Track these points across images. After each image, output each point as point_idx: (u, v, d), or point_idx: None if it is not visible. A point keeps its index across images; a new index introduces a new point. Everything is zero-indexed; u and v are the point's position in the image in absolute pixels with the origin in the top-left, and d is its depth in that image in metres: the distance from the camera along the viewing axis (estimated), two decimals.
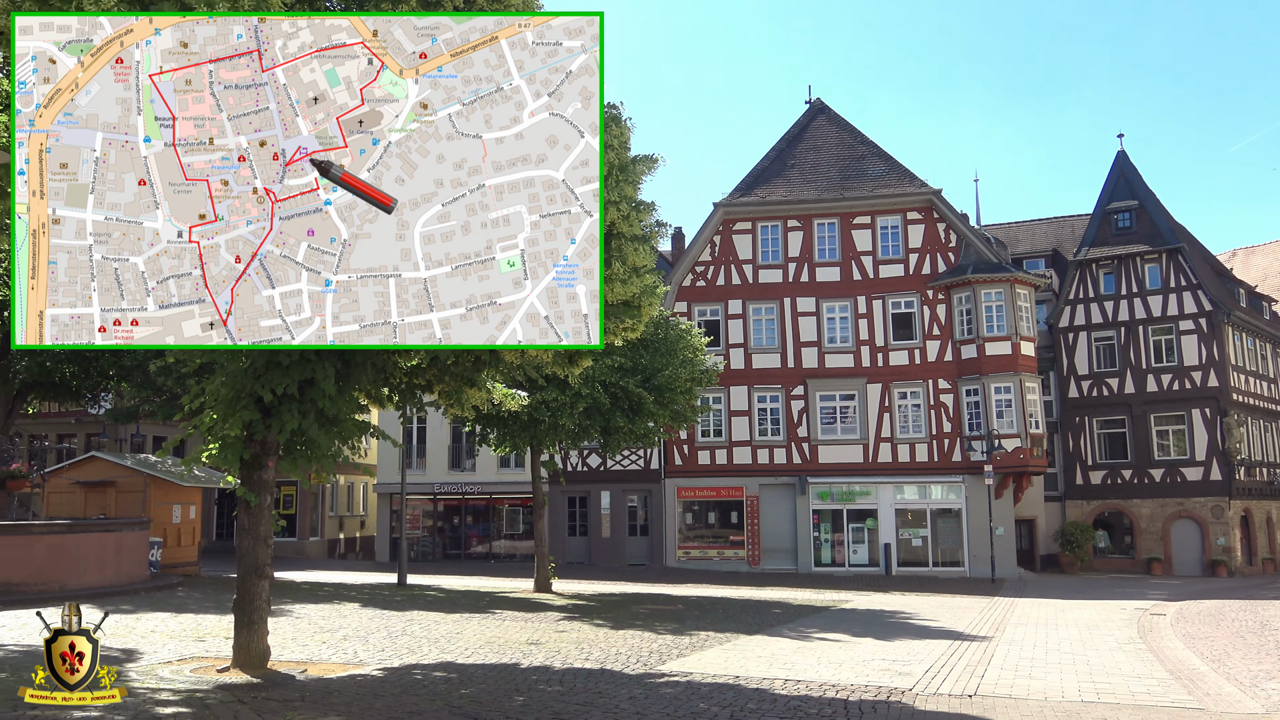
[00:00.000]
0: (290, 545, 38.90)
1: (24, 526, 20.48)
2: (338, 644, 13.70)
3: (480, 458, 38.07)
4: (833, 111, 40.11)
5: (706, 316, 36.95)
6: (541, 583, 24.93)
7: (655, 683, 10.91)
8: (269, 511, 11.20)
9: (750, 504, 35.89)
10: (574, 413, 23.79)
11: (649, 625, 16.95)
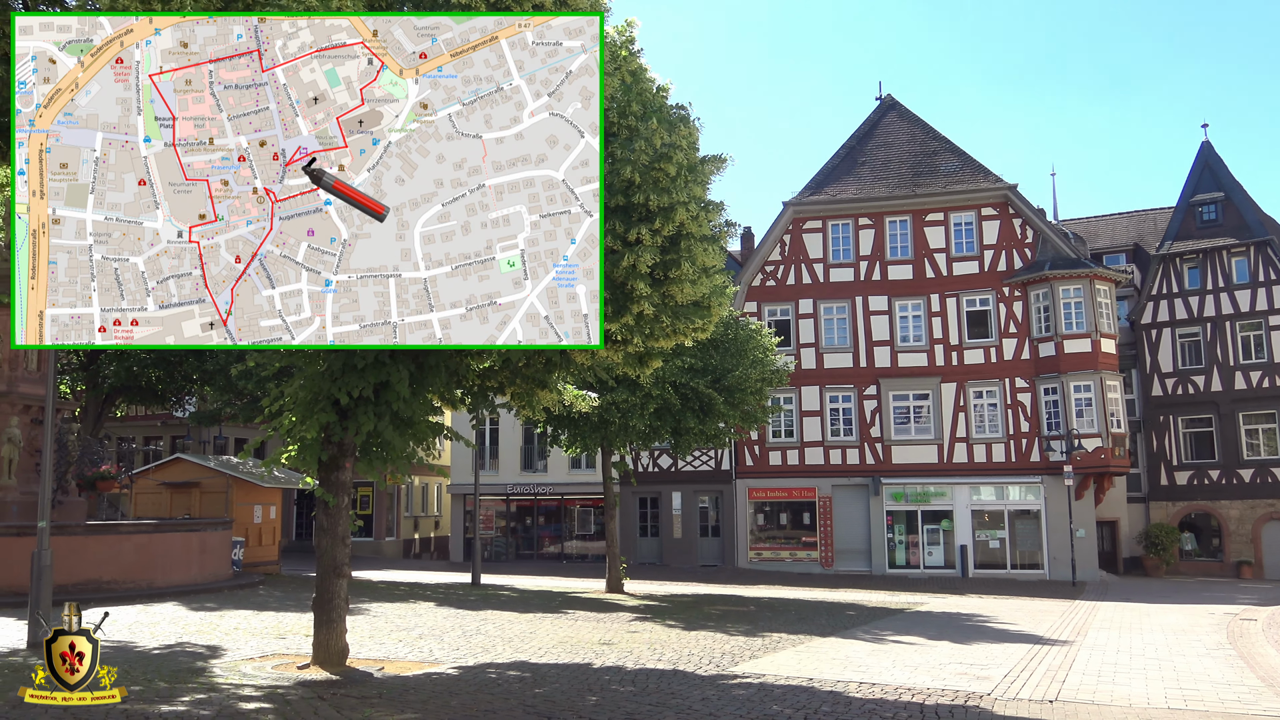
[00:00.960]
0: (367, 545, 39.59)
1: (113, 526, 21.14)
2: (414, 642, 13.89)
3: (552, 459, 38.36)
4: (904, 107, 39.58)
5: (777, 316, 36.72)
6: (613, 583, 25.00)
7: (728, 684, 10.86)
8: (346, 512, 11.40)
9: (823, 505, 35.58)
10: (644, 414, 23.83)
11: (721, 626, 16.89)
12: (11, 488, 19.80)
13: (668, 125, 10.62)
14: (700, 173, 10.89)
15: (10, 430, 19.95)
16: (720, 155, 11.39)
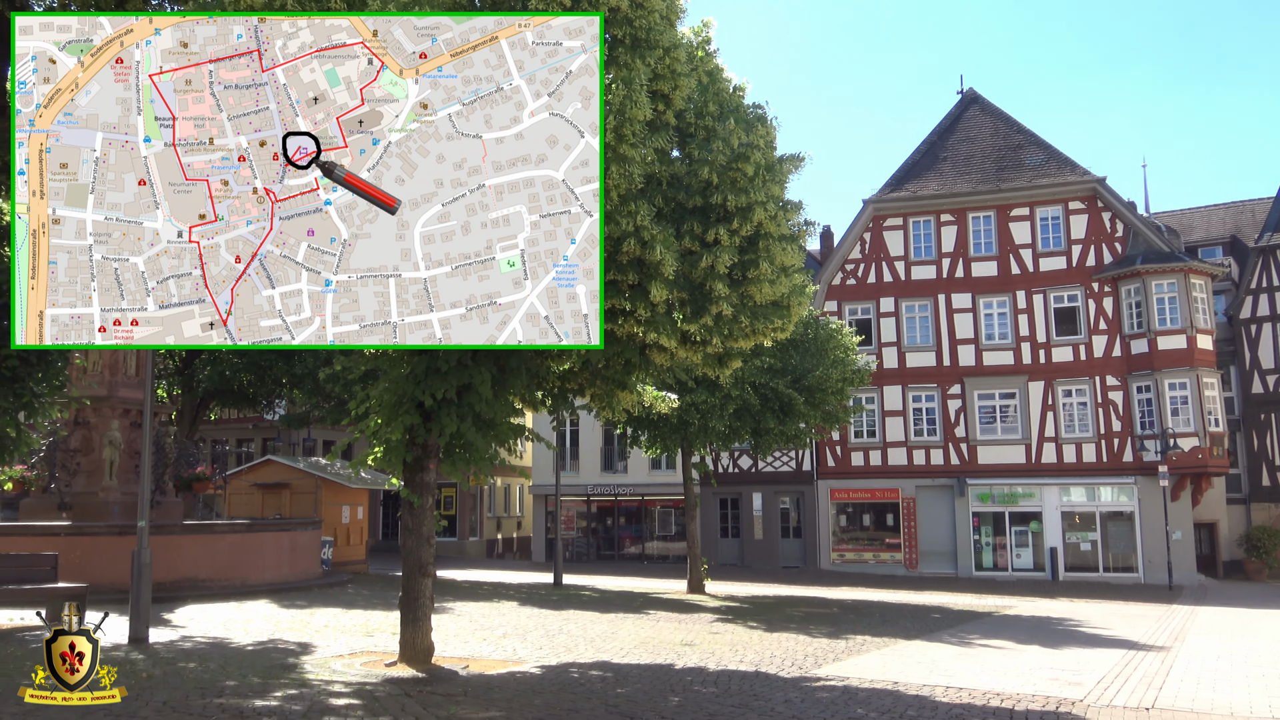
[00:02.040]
0: (451, 545, 40.18)
1: (209, 526, 21.81)
2: (497, 641, 14.06)
3: (632, 460, 38.49)
4: (986, 101, 38.81)
5: (857, 315, 36.32)
6: (694, 584, 24.98)
7: (811, 686, 10.77)
8: (431, 512, 11.58)
9: (906, 506, 35.07)
10: (724, 414, 23.76)
11: (803, 628, 16.76)
12: (113, 488, 20.55)
13: (745, 125, 10.58)
14: (778, 172, 10.82)
15: (111, 433, 20.72)
16: (798, 154, 11.31)
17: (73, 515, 19.81)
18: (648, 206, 9.75)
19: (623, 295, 9.96)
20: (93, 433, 20.72)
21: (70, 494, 20.28)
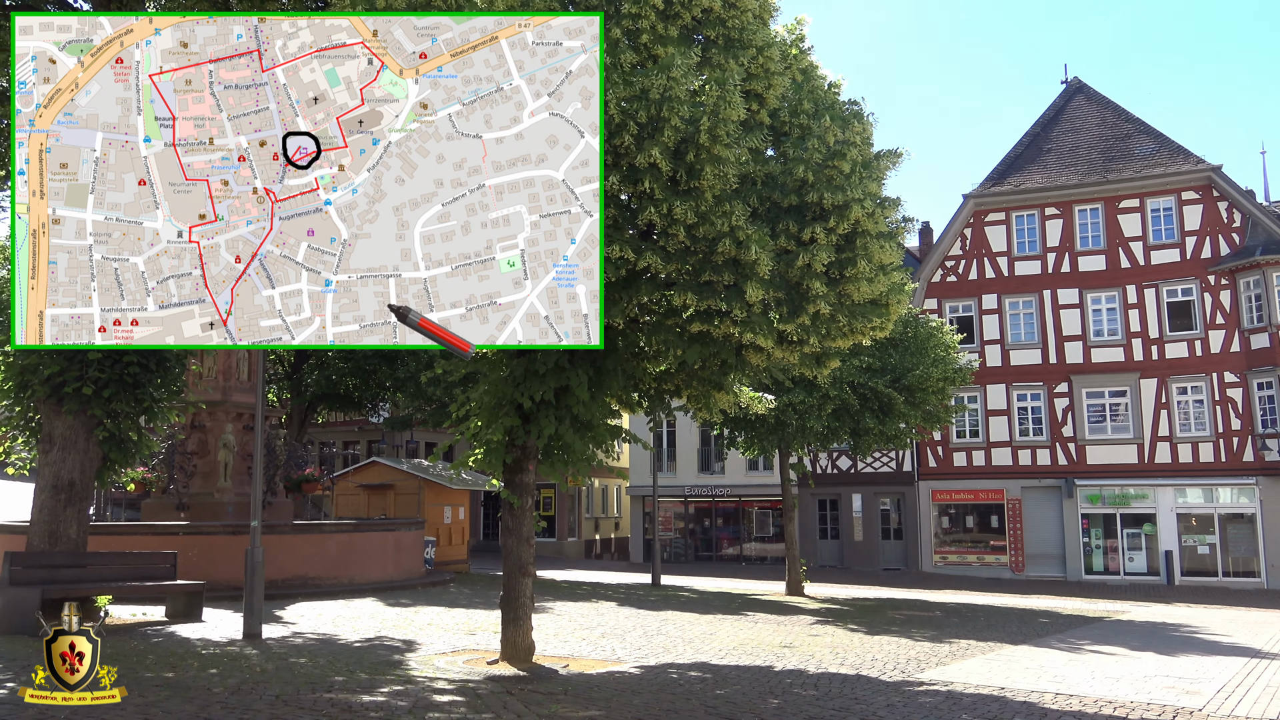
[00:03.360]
0: (550, 545, 40.62)
1: (317, 526, 22.46)
2: (597, 641, 14.16)
3: (729, 460, 38.37)
4: (1092, 89, 37.62)
5: (958, 313, 35.58)
6: (793, 585, 24.79)
7: (913, 690, 10.58)
8: (530, 513, 11.73)
9: (1011, 507, 34.20)
10: (822, 414, 23.53)
11: (905, 631, 16.48)
12: (228, 489, 21.33)
13: (841, 122, 10.46)
14: (875, 169, 10.67)
15: (226, 436, 21.50)
16: (896, 150, 11.12)
17: (190, 515, 20.61)
18: (743, 206, 9.71)
19: (718, 296, 9.94)
20: (208, 436, 21.53)
21: (187, 495, 21.10)
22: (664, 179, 9.46)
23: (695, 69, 9.65)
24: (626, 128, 9.17)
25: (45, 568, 13.49)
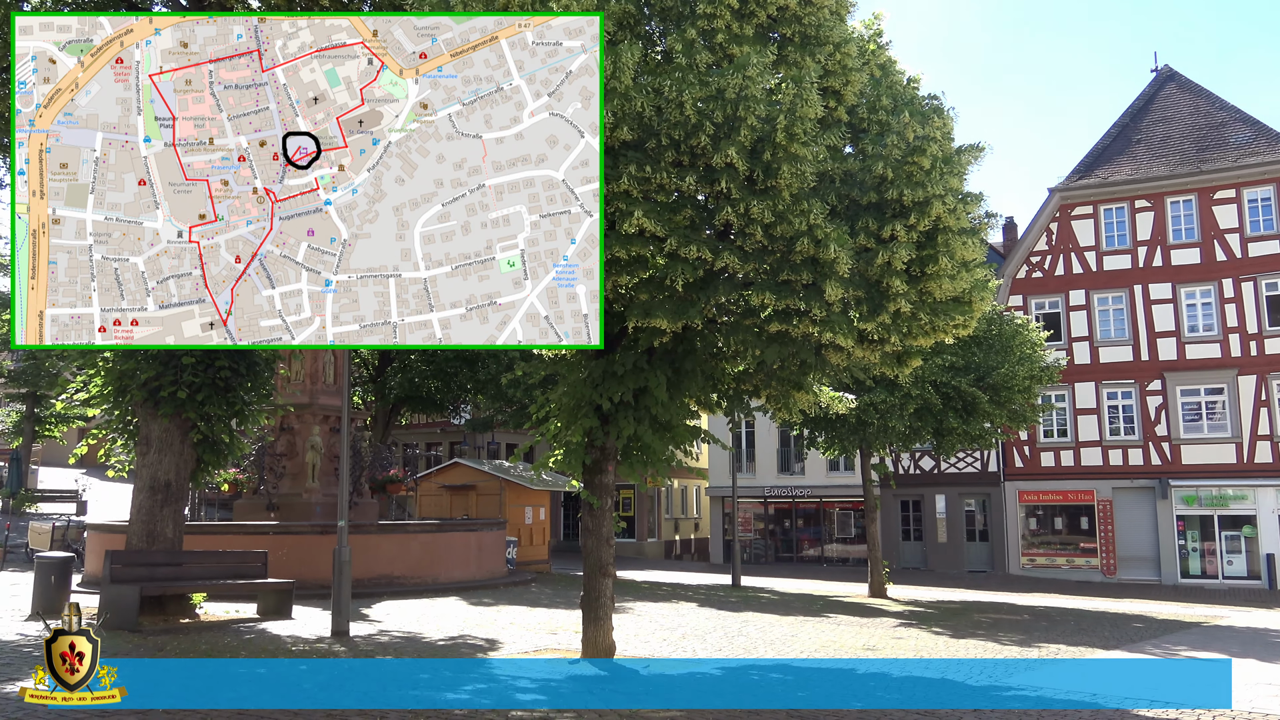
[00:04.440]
0: (630, 546, 40.74)
1: (402, 526, 22.86)
2: (677, 642, 14.16)
3: (809, 461, 38.05)
4: (1184, 78, 36.42)
5: (1044, 309, 34.75)
6: (876, 588, 24.49)
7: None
8: (610, 513, 11.78)
9: (1102, 509, 33.28)
10: (904, 414, 23.20)
11: (992, 635, 16.15)
12: (315, 490, 21.83)
13: (920, 117, 10.29)
14: (956, 164, 10.47)
15: (313, 439, 22.02)
16: (978, 144, 10.90)
17: (279, 515, 21.14)
18: (821, 205, 9.61)
19: (797, 295, 9.86)
20: (296, 438, 22.07)
21: (277, 495, 21.65)
22: (741, 179, 9.41)
23: (771, 67, 9.59)
24: (703, 128, 9.16)
25: (144, 566, 13.96)
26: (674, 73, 9.28)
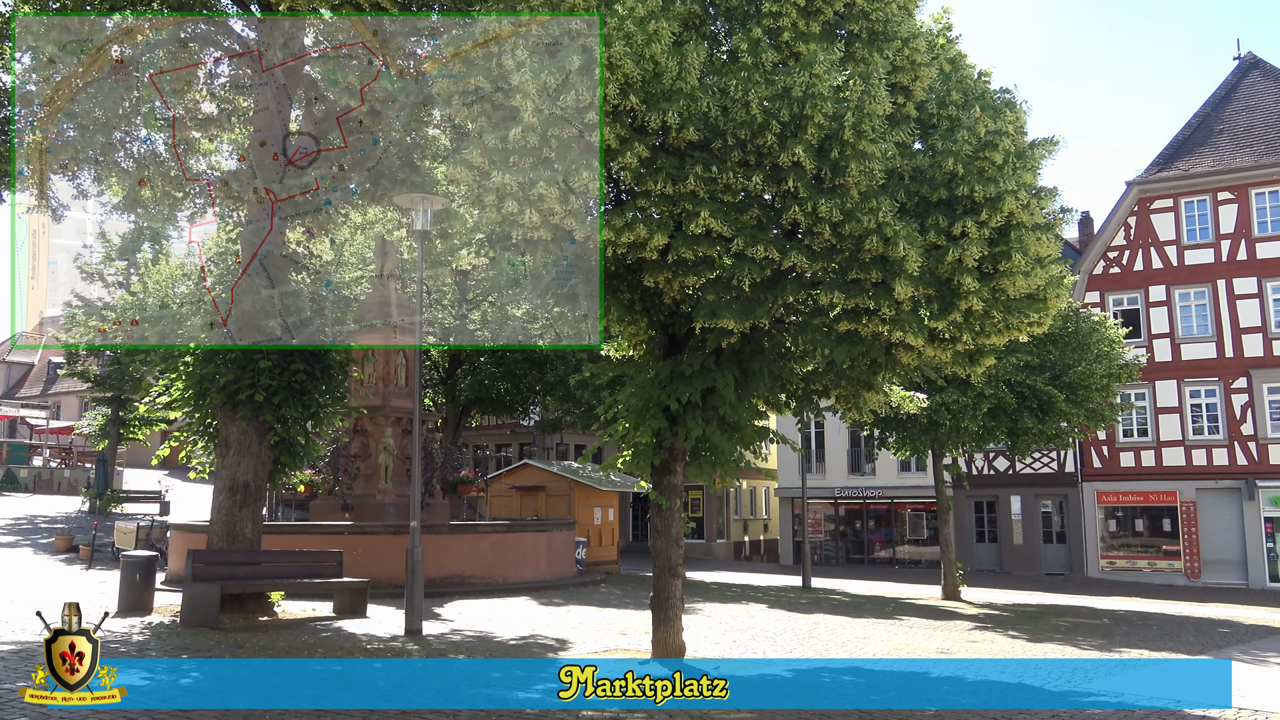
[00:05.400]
0: (699, 547, 40.67)
1: (473, 526, 23.11)
2: (747, 643, 14.09)
3: (880, 461, 37.60)
4: (1269, 65, 35.25)
5: (1123, 306, 33.92)
6: (949, 590, 24.13)
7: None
8: (679, 514, 11.77)
9: (1185, 510, 32.35)
10: (977, 414, 22.82)
11: (1070, 639, 15.80)
12: (389, 491, 22.17)
13: (991, 112, 10.12)
14: (1029, 158, 10.27)
15: (386, 440, 22.36)
16: (1052, 137, 10.68)
17: (354, 516, 21.51)
18: (890, 202, 9.50)
19: (866, 294, 9.76)
20: (369, 440, 22.44)
21: (351, 496, 22.03)
22: (808, 177, 9.34)
23: (838, 64, 9.50)
24: (769, 127, 9.11)
25: (224, 565, 14.32)
26: (740, 72, 9.25)
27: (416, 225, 14.27)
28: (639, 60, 8.80)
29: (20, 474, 42.75)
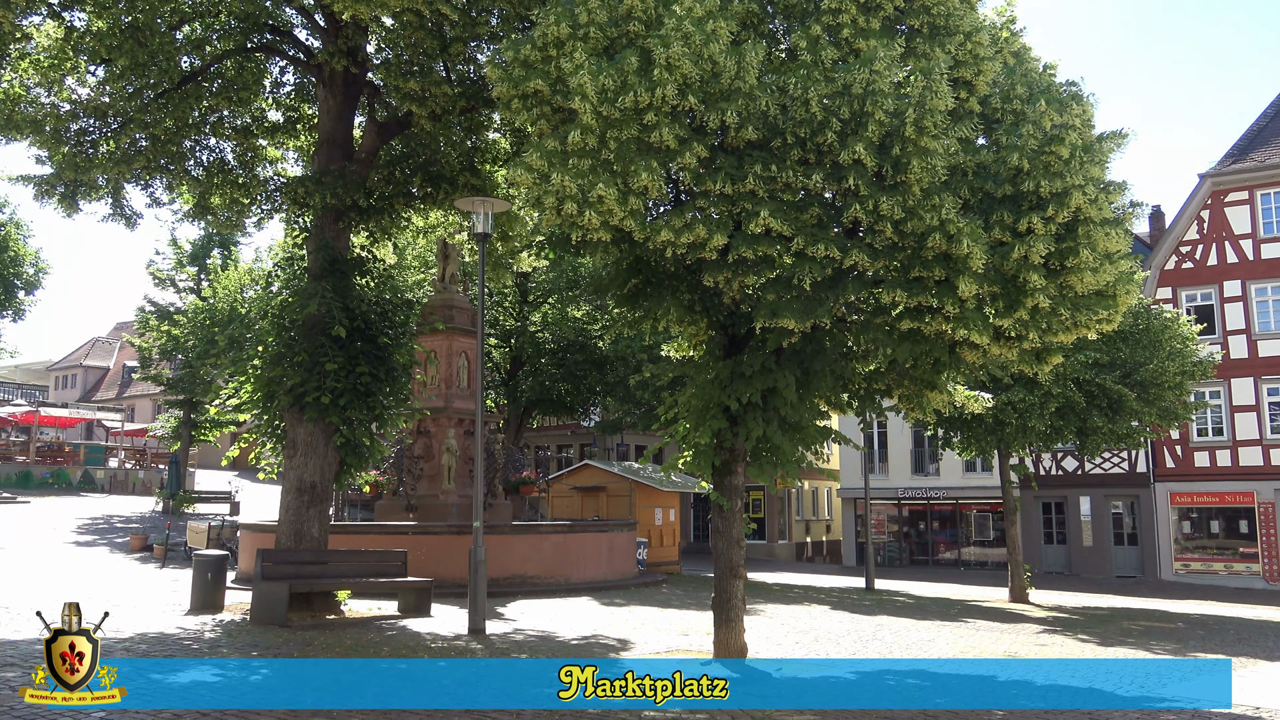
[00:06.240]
0: (760, 548, 40.49)
1: (534, 526, 23.24)
2: (810, 645, 13.99)
3: (944, 462, 37.07)
4: None
5: (1196, 302, 33.06)
6: (1016, 592, 23.73)
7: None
8: (740, 515, 11.72)
9: (1264, 511, 31.43)
10: (1044, 413, 22.40)
11: (1143, 643, 15.44)
12: (451, 492, 22.41)
13: (1057, 105, 9.91)
14: (1097, 152, 10.04)
15: (449, 441, 22.60)
16: (1120, 130, 10.42)
17: (418, 516, 21.76)
18: (953, 199, 9.36)
19: (929, 292, 9.62)
20: (433, 441, 22.70)
21: (415, 497, 22.30)
22: (869, 175, 9.25)
23: (899, 60, 9.38)
24: (829, 125, 9.04)
25: (292, 564, 14.58)
26: (799, 70, 9.19)
27: (477, 228, 14.51)
28: (697, 60, 8.78)
29: (97, 475, 44.02)
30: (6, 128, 14.41)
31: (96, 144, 15.32)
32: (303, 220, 16.16)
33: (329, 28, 14.43)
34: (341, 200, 14.54)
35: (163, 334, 36.35)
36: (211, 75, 15.66)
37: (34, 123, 14.49)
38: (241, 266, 37.68)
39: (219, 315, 35.08)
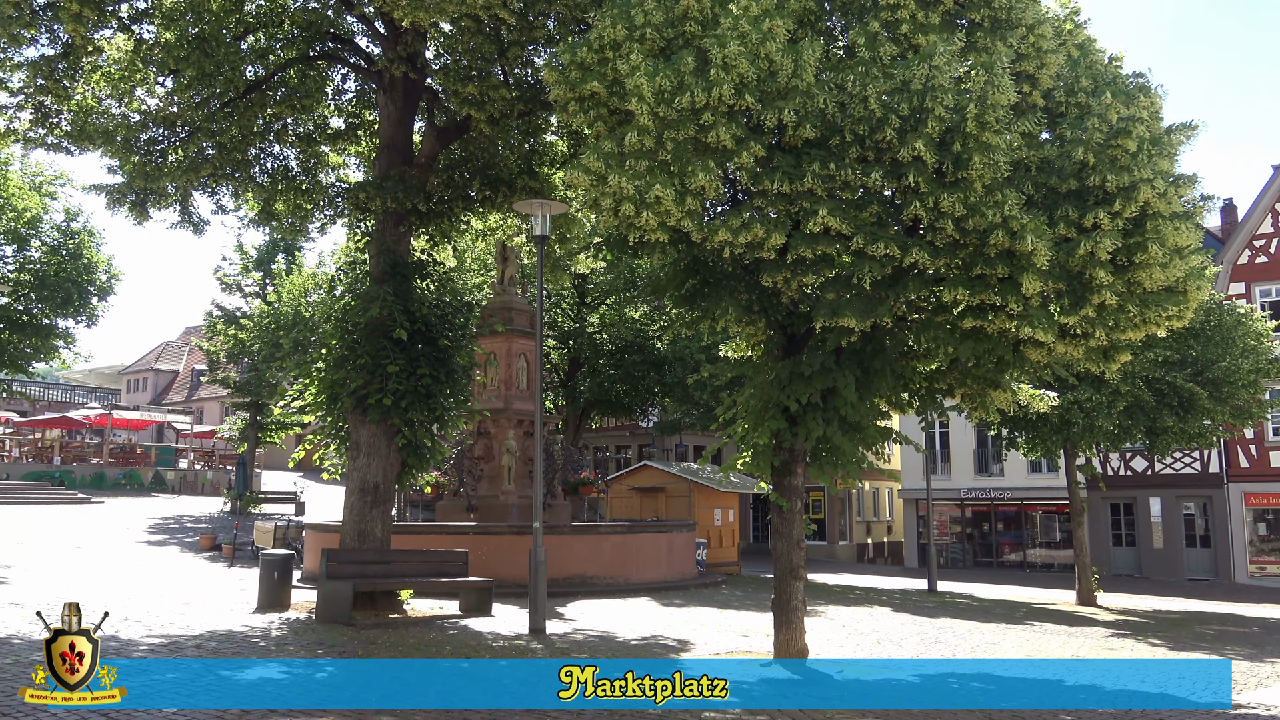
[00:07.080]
0: (821, 549, 40.19)
1: (594, 527, 23.33)
2: (871, 647, 13.85)
3: (1008, 462, 36.45)
4: None
5: (1271, 297, 32.16)
6: (1084, 595, 23.27)
7: (1229, 714, 9.63)
8: (800, 516, 11.65)
9: None
10: (1112, 412, 21.93)
11: (1217, 648, 15.05)
12: (511, 492, 22.57)
13: (1124, 98, 9.70)
14: (1165, 145, 9.80)
15: (508, 442, 22.78)
16: (1189, 122, 10.17)
17: (478, 516, 21.96)
18: (1016, 195, 9.21)
19: (992, 290, 9.48)
20: (493, 442, 22.89)
21: (476, 497, 22.51)
22: (929, 172, 9.14)
23: (959, 55, 9.26)
24: (888, 122, 8.94)
25: (356, 564, 14.79)
26: (857, 67, 9.11)
27: (536, 230, 14.60)
28: (754, 59, 8.75)
29: (168, 476, 45.09)
30: (80, 139, 14.83)
31: (165, 153, 15.69)
32: (364, 225, 16.38)
33: (388, 34, 14.62)
34: (402, 204, 14.72)
35: (229, 338, 37.14)
36: (275, 84, 15.96)
37: (106, 133, 14.89)
38: (305, 271, 38.34)
39: (284, 319, 35.75)
